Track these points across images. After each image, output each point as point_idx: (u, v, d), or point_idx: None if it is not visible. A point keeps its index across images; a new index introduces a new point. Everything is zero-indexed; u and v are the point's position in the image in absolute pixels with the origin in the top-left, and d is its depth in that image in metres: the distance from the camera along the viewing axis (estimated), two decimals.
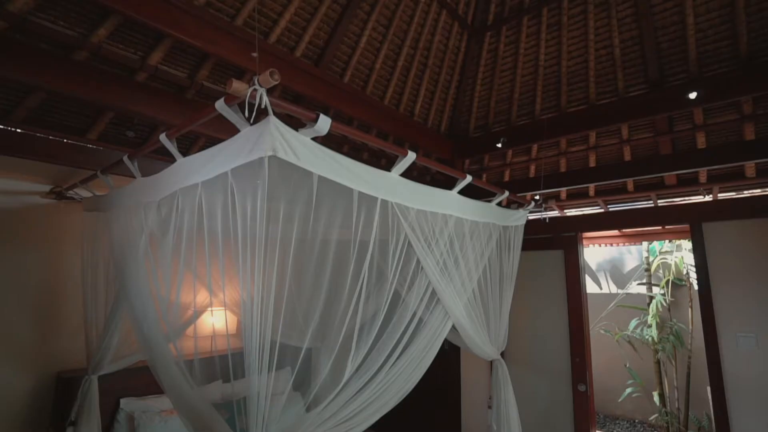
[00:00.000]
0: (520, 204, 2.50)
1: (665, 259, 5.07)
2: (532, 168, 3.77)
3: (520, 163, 3.85)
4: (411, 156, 1.45)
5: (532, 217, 3.61)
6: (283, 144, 1.08)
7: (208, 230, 1.28)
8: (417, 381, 1.60)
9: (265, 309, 1.10)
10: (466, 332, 1.92)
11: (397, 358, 1.53)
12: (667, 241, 5.19)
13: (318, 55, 2.74)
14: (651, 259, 5.25)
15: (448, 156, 3.80)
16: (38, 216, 2.50)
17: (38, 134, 1.99)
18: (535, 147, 3.71)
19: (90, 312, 2.27)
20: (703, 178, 3.17)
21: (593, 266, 5.89)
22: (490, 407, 2.51)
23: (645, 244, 5.38)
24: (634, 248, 5.62)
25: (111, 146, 2.29)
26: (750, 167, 2.98)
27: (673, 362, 4.69)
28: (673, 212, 2.96)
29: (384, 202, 1.43)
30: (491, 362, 2.45)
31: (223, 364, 3.15)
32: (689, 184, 3.28)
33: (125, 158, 1.65)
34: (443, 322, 1.75)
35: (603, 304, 5.44)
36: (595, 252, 5.90)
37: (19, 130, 1.99)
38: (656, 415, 4.65)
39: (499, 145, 3.57)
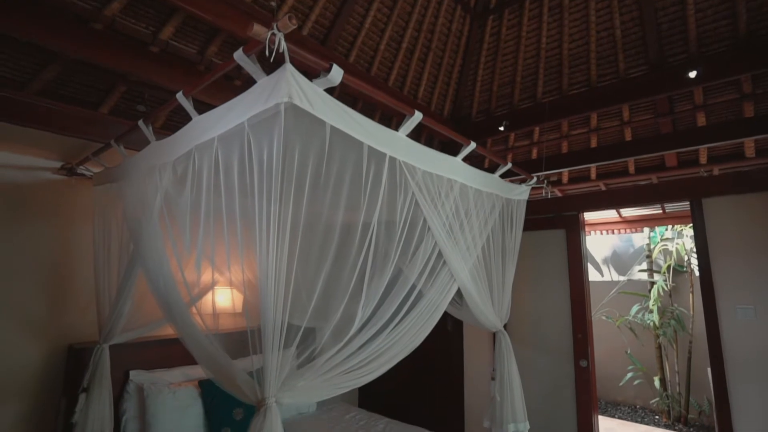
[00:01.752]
0: (522, 180, 2.54)
1: (666, 246, 5.11)
2: (534, 151, 3.81)
3: (522, 147, 3.90)
4: (418, 116, 1.50)
5: (534, 196, 3.67)
6: (298, 92, 1.12)
7: (224, 186, 1.33)
8: (423, 338, 1.65)
9: (281, 256, 1.15)
10: (472, 297, 1.97)
11: (405, 315, 1.58)
12: (668, 228, 5.23)
13: (324, 34, 2.79)
14: (652, 246, 5.29)
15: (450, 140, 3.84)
16: (49, 191, 2.55)
17: (52, 106, 2.03)
18: (536, 130, 3.76)
19: (102, 283, 2.32)
20: (703, 159, 3.21)
21: (594, 254, 5.93)
22: (493, 379, 2.56)
23: (646, 231, 5.42)
24: (635, 236, 5.66)
25: (123, 120, 2.34)
26: (750, 147, 3.03)
27: (674, 346, 4.74)
28: (674, 188, 3.01)
29: (392, 160, 1.48)
30: (494, 335, 2.51)
31: (228, 341, 3.20)
32: (690, 166, 3.32)
33: (140, 122, 1.70)
34: (449, 283, 1.80)
35: (604, 291, 5.48)
36: (597, 240, 5.94)
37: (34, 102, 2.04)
38: (657, 399, 4.70)
39: (502, 129, 3.62)
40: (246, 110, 1.20)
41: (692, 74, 2.66)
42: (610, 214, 5.09)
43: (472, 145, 1.86)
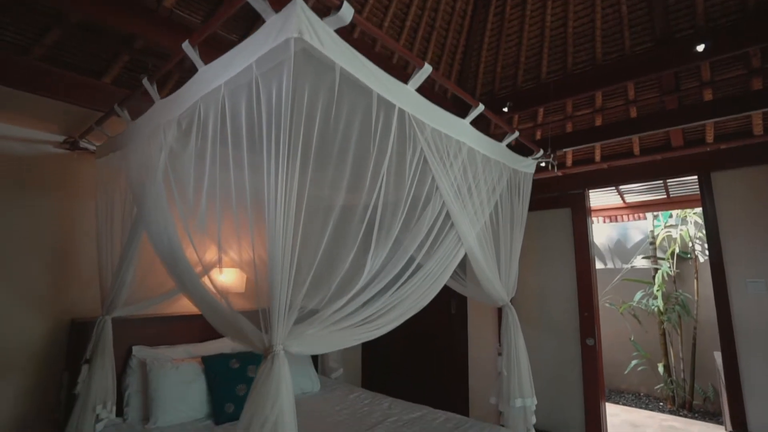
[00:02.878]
0: (529, 153, 2.52)
1: (670, 232, 5.09)
2: (538, 133, 3.79)
3: (526, 129, 3.87)
4: (427, 68, 1.48)
5: (539, 177, 3.64)
6: (308, 28, 1.10)
7: (231, 134, 1.30)
8: (430, 299, 1.63)
9: (289, 199, 1.12)
10: (479, 263, 1.95)
11: (412, 274, 1.56)
12: (671, 215, 5.21)
13: (327, 7, 2.75)
14: (656, 233, 5.27)
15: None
16: (52, 166, 2.53)
17: (55, 72, 2.00)
18: (541, 112, 3.74)
19: (104, 253, 2.30)
20: (710, 138, 3.18)
21: (597, 243, 5.90)
22: (500, 354, 2.53)
23: (650, 219, 5.40)
24: (638, 223, 5.64)
25: (126, 91, 2.31)
26: (758, 124, 3.00)
27: (679, 331, 4.71)
28: (681, 163, 2.98)
29: (401, 112, 1.45)
30: (500, 309, 2.48)
31: (234, 320, 3.16)
32: (696, 145, 3.29)
33: (144, 80, 1.67)
34: (456, 247, 1.78)
35: (608, 279, 5.46)
36: (599, 228, 5.92)
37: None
38: (661, 385, 4.67)
39: (506, 110, 3.59)
40: (254, 51, 1.18)
41: (700, 48, 2.63)
42: (613, 201, 5.06)
43: (481, 107, 1.83)
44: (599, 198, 5.03)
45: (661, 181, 4.46)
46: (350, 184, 1.26)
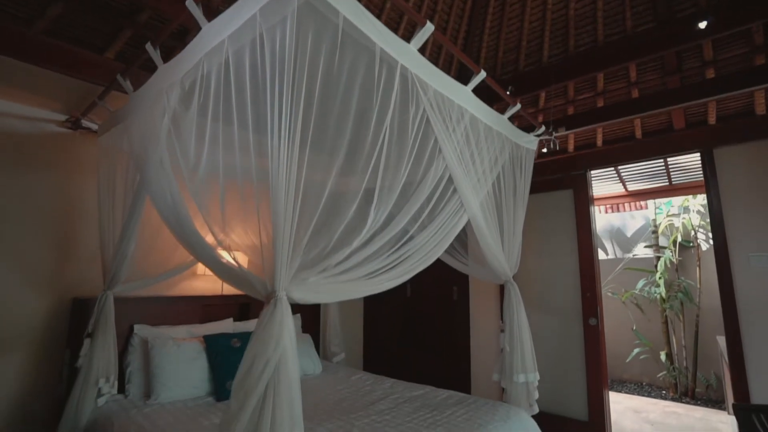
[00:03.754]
0: (530, 128, 2.52)
1: (672, 221, 5.07)
2: (540, 117, 3.78)
3: (528, 114, 3.86)
4: (429, 27, 1.48)
5: (540, 160, 3.64)
6: None
7: (235, 88, 1.30)
8: (432, 261, 1.63)
9: (292, 150, 1.12)
10: (482, 231, 1.94)
11: (414, 234, 1.56)
12: (672, 205, 5.20)
13: None
14: (658, 222, 5.26)
15: None
16: (54, 144, 2.53)
17: (58, 44, 2.01)
18: (542, 96, 3.73)
19: (106, 229, 2.30)
20: (712, 119, 3.18)
21: (599, 232, 5.88)
22: (502, 331, 2.52)
23: (652, 208, 5.39)
24: (639, 213, 5.63)
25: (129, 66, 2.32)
26: (760, 104, 2.99)
27: (681, 318, 4.69)
28: (684, 140, 2.97)
29: (404, 69, 1.45)
30: (502, 286, 2.47)
31: (233, 303, 3.15)
32: (698, 127, 3.28)
33: (147, 45, 1.67)
34: (459, 212, 1.77)
35: (609, 269, 5.45)
36: (601, 218, 5.90)
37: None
38: (664, 372, 4.65)
39: (508, 93, 3.58)
40: (258, 0, 1.18)
41: (702, 25, 2.63)
42: (615, 189, 5.05)
43: (483, 74, 1.83)
44: (601, 187, 5.02)
45: (663, 168, 4.46)
46: (353, 136, 1.26)
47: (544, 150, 3.13)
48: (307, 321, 3.50)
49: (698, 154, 3.14)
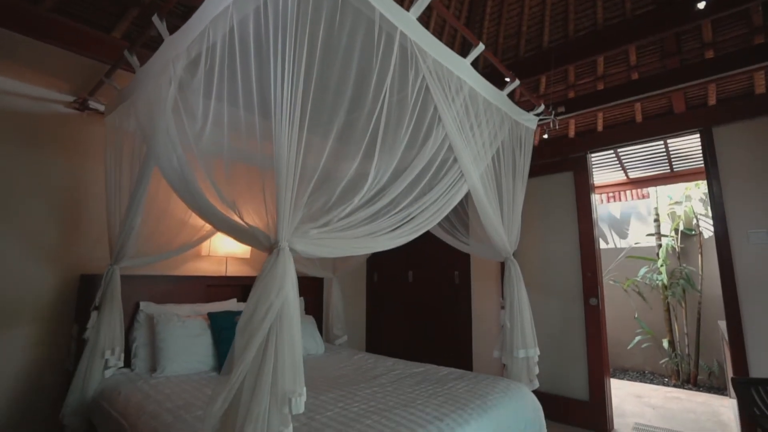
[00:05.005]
0: (530, 108, 2.55)
1: (674, 210, 5.08)
2: (541, 103, 3.80)
3: (528, 102, 3.88)
4: None
5: (541, 143, 3.66)
6: None
7: (239, 50, 1.33)
8: (432, 225, 1.67)
9: (294, 105, 1.16)
10: (483, 204, 1.97)
11: (414, 199, 1.59)
12: (672, 197, 5.20)
13: None
14: (660, 210, 5.26)
15: None
16: (62, 124, 2.58)
17: (65, 22, 2.05)
18: (543, 82, 3.75)
19: (113, 203, 2.35)
20: (712, 100, 3.18)
21: (600, 222, 5.89)
22: (503, 308, 2.55)
23: (653, 197, 5.39)
24: (640, 202, 5.63)
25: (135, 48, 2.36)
26: (760, 84, 3.00)
27: (683, 305, 4.70)
28: (683, 119, 2.99)
29: (403, 36, 1.48)
30: (502, 264, 2.51)
31: (236, 284, 3.18)
32: (698, 109, 3.29)
33: (154, 18, 1.71)
34: (459, 181, 1.80)
35: (610, 258, 5.45)
36: (601, 208, 5.91)
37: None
38: (666, 359, 4.66)
39: (507, 80, 3.61)
40: None
41: (701, 5, 2.64)
42: (616, 177, 5.06)
43: (481, 46, 1.86)
44: (602, 174, 5.03)
45: (664, 154, 4.47)
46: (354, 95, 1.29)
47: (545, 136, 3.15)
48: (310, 304, 3.54)
49: (698, 137, 3.16)
